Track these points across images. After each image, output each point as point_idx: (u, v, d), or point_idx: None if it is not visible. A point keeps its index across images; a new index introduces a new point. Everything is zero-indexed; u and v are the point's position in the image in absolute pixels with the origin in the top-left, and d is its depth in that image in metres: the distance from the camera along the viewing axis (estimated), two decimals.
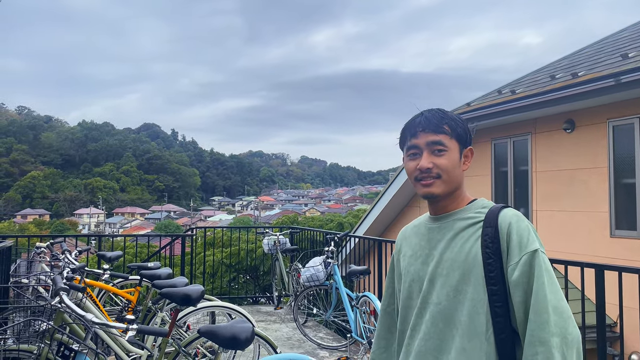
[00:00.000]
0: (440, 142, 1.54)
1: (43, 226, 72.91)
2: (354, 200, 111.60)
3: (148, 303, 4.45)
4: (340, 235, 6.62)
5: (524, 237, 1.42)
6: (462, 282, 1.45)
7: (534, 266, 1.38)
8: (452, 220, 1.55)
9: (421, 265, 1.56)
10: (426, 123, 1.55)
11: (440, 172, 1.53)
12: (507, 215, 1.47)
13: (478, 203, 1.57)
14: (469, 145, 1.60)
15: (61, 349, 2.85)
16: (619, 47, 7.55)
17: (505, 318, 1.40)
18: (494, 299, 1.41)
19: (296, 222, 20.83)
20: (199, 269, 9.94)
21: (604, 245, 6.56)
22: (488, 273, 1.42)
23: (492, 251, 1.43)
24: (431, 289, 1.51)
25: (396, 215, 10.86)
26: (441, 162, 1.53)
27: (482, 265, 1.43)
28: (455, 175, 1.55)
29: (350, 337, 5.49)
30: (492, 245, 1.43)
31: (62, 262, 4.90)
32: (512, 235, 1.43)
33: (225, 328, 2.74)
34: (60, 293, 2.82)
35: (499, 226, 1.45)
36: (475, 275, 1.44)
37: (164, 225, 65.24)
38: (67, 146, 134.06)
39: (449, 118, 1.57)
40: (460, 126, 1.57)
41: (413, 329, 1.55)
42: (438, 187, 1.53)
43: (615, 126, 6.53)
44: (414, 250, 1.62)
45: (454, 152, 1.55)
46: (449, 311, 1.46)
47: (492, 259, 1.42)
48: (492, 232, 1.45)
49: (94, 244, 9.93)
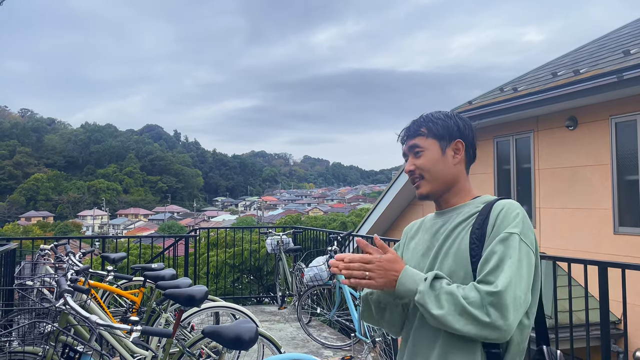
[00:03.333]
0: (416, 145, 1.63)
1: (47, 228, 73.14)
2: (357, 200, 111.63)
3: (152, 304, 4.47)
4: (343, 234, 6.62)
5: (508, 219, 1.44)
6: (454, 270, 1.47)
7: (507, 246, 1.38)
8: (455, 214, 1.59)
9: (421, 257, 1.60)
10: (407, 131, 1.67)
11: (422, 172, 1.61)
12: (501, 203, 1.50)
13: (481, 198, 1.61)
14: (456, 139, 1.62)
15: (66, 351, 2.86)
16: (621, 43, 7.53)
17: None
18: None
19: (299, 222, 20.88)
20: (202, 269, 9.97)
21: (608, 242, 6.55)
22: (471, 258, 1.44)
23: (477, 236, 1.45)
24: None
25: (399, 214, 10.86)
26: (419, 162, 1.61)
27: (469, 251, 1.45)
28: (440, 170, 1.60)
29: (354, 337, 5.49)
30: (478, 231, 1.46)
31: (66, 264, 4.91)
32: (498, 219, 1.45)
33: (229, 328, 2.74)
34: (65, 295, 2.83)
35: (490, 214, 1.48)
36: (464, 262, 1.46)
37: (167, 226, 65.35)
38: (70, 148, 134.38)
39: (428, 120, 1.64)
40: (439, 124, 1.62)
41: (411, 317, 1.58)
42: (425, 187, 1.61)
43: (618, 123, 6.52)
44: (417, 244, 1.66)
45: (431, 150, 1.61)
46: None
47: (475, 244, 1.45)
48: (481, 220, 1.48)
49: (98, 245, 9.97)
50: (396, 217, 10.90)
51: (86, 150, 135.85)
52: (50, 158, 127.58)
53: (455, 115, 1.67)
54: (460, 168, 1.63)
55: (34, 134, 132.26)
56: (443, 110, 1.70)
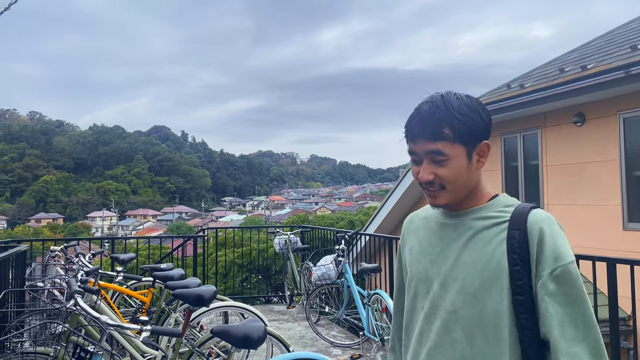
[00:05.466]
0: (439, 152, 1.33)
1: (57, 230, 73.72)
2: (365, 198, 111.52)
3: (161, 304, 4.50)
4: (351, 233, 6.63)
5: (559, 245, 1.28)
6: (483, 290, 1.30)
7: (574, 279, 1.26)
8: (471, 219, 1.38)
9: (430, 264, 1.41)
10: (423, 127, 1.34)
11: (443, 183, 1.35)
12: (538, 217, 1.31)
13: (500, 200, 1.40)
14: (483, 140, 1.37)
15: (77, 351, 2.89)
16: (629, 38, 7.48)
17: (533, 331, 1.27)
18: (520, 310, 1.27)
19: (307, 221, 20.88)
20: (211, 269, 10.01)
21: (617, 238, 6.51)
22: (516, 281, 1.27)
23: (520, 257, 1.27)
24: (443, 293, 1.36)
25: (407, 212, 10.84)
26: (443, 173, 1.34)
27: (508, 273, 1.28)
28: (464, 180, 1.36)
29: (362, 335, 5.50)
30: (520, 251, 1.27)
31: (76, 265, 4.96)
32: (544, 242, 1.27)
33: (238, 327, 2.76)
34: (75, 296, 2.86)
35: (527, 229, 1.29)
36: (499, 283, 1.29)
37: (176, 227, 65.63)
38: (78, 150, 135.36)
39: (451, 116, 1.32)
40: (467, 123, 1.32)
41: (420, 335, 1.41)
42: (443, 198, 1.37)
43: (626, 118, 6.47)
44: (422, 246, 1.46)
45: (458, 158, 1.33)
46: (466, 321, 1.32)
47: (519, 265, 1.27)
48: (520, 236, 1.29)
49: (107, 246, 10.04)
50: (404, 215, 10.89)
51: (94, 151, 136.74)
52: (59, 160, 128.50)
53: (478, 106, 1.37)
54: (480, 172, 1.40)
55: (42, 137, 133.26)
56: (462, 96, 1.37)
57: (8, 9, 6.00)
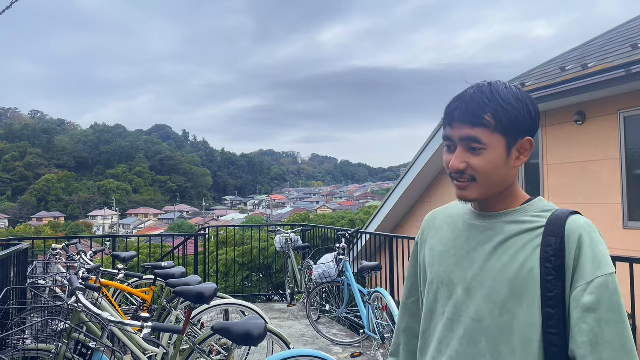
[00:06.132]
0: (476, 139, 1.22)
1: (58, 228, 73.87)
2: (366, 197, 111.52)
3: (163, 302, 4.52)
4: (351, 232, 6.64)
5: (600, 255, 1.16)
6: (512, 300, 1.19)
7: (612, 293, 1.12)
8: (503, 222, 1.27)
9: (454, 266, 1.30)
10: (463, 111, 1.23)
11: (475, 175, 1.23)
12: (578, 224, 1.20)
13: (537, 204, 1.28)
14: (527, 136, 1.25)
15: (79, 348, 2.91)
16: (630, 37, 7.48)
17: (561, 348, 1.15)
18: (549, 324, 1.15)
19: (308, 220, 20.89)
20: (212, 268, 10.02)
21: (618, 236, 6.52)
22: (546, 292, 1.16)
23: (554, 267, 1.16)
24: (468, 300, 1.26)
25: (407, 211, 10.86)
26: (477, 163, 1.23)
27: (540, 283, 1.17)
28: (499, 176, 1.24)
29: (363, 333, 5.51)
30: (555, 260, 1.16)
31: (77, 263, 4.97)
32: (583, 250, 1.16)
33: (239, 325, 2.78)
34: (77, 293, 2.87)
35: (565, 236, 1.18)
36: (530, 294, 1.18)
37: (177, 226, 65.66)
38: (80, 149, 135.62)
39: (496, 103, 1.22)
40: (510, 113, 1.22)
41: (440, 343, 1.31)
42: (473, 192, 1.26)
43: (627, 117, 6.48)
44: (447, 247, 1.35)
45: (495, 149, 1.22)
46: (493, 332, 1.21)
47: (552, 275, 1.16)
48: (557, 243, 1.17)
49: (109, 244, 10.06)
50: (404, 214, 10.90)
51: (96, 150, 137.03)
52: (61, 159, 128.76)
53: (526, 98, 1.26)
54: (517, 171, 1.28)
55: (44, 136, 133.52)
56: (511, 86, 1.27)
57: (10, 7, 6.02)
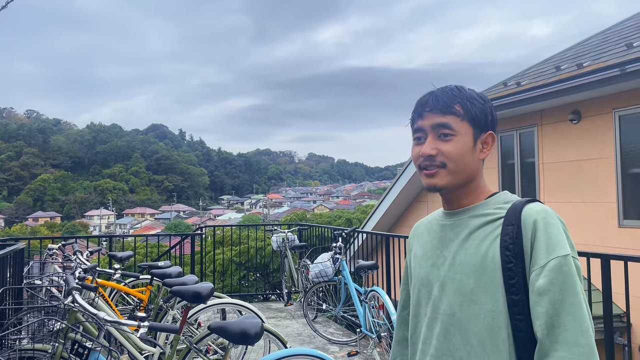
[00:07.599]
0: (446, 125, 1.29)
1: (54, 228, 73.64)
2: (363, 196, 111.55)
3: (159, 301, 4.51)
4: (348, 231, 6.65)
5: (553, 237, 1.18)
6: (478, 290, 1.23)
7: (566, 275, 1.15)
8: (468, 217, 1.32)
9: (431, 267, 1.36)
10: (434, 102, 1.32)
11: (445, 161, 1.29)
12: (533, 210, 1.23)
13: (499, 197, 1.33)
14: (490, 130, 1.35)
15: (75, 347, 2.91)
16: (624, 36, 7.51)
17: (527, 333, 1.18)
18: (514, 310, 1.19)
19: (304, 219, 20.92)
20: (209, 267, 10.02)
21: (613, 235, 6.55)
22: (508, 280, 1.19)
23: (513, 254, 1.19)
24: (442, 296, 1.30)
25: (404, 210, 10.87)
26: (446, 149, 1.29)
27: (501, 271, 1.20)
28: (466, 164, 1.30)
29: (359, 332, 5.52)
30: (513, 247, 1.20)
31: (74, 263, 4.97)
32: (538, 234, 1.19)
33: (235, 324, 2.78)
34: (73, 292, 2.87)
35: (522, 223, 1.21)
36: (493, 282, 1.21)
37: (173, 225, 65.62)
38: (76, 149, 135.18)
39: (464, 97, 1.32)
40: (477, 107, 1.32)
41: (424, 343, 1.35)
42: (442, 178, 1.30)
43: (621, 116, 6.51)
44: (425, 250, 1.41)
45: (464, 137, 1.30)
46: (463, 324, 1.25)
47: (512, 262, 1.19)
48: (514, 231, 1.21)
49: (105, 244, 10.05)
50: (401, 213, 10.92)
51: (92, 150, 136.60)
52: (57, 159, 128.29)
53: (487, 99, 1.38)
54: (481, 164, 1.36)
55: (40, 135, 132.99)
56: (473, 89, 1.38)
57: (5, 7, 6.00)
